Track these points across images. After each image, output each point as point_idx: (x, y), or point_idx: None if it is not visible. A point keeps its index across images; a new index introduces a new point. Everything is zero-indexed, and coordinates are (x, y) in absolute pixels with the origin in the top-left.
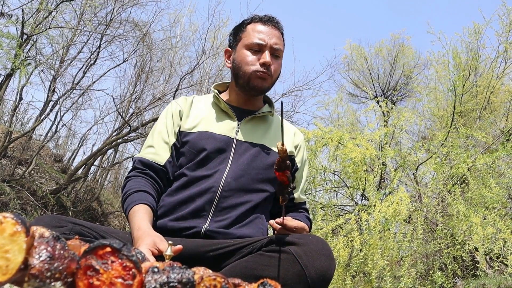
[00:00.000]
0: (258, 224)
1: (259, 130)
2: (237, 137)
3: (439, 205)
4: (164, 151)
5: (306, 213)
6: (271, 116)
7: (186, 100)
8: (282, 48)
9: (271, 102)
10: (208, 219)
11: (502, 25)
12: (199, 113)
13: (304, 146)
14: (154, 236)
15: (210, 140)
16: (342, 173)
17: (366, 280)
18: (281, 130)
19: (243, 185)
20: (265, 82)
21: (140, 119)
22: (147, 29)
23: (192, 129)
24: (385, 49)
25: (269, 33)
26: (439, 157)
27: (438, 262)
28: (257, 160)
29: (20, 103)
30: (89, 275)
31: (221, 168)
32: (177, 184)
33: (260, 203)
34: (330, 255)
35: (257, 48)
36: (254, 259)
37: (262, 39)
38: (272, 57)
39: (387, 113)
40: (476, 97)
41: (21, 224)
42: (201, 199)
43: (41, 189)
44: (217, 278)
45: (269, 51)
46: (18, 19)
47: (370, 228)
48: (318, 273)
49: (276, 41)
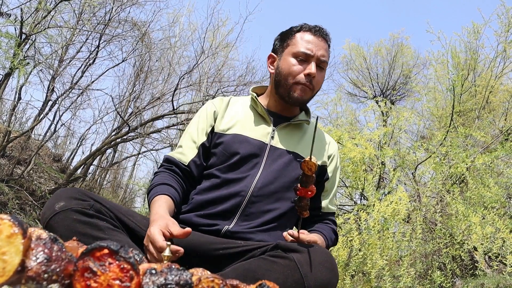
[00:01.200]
0: (280, 233)
1: (294, 137)
2: (271, 143)
3: (438, 205)
4: (190, 150)
5: (332, 225)
6: (307, 124)
7: (223, 100)
8: (327, 61)
9: (308, 110)
10: (233, 222)
11: (501, 25)
12: (235, 115)
13: (338, 156)
14: (168, 219)
15: (244, 144)
16: (341, 172)
17: (365, 279)
18: (311, 146)
19: (272, 192)
20: (306, 94)
21: (139, 119)
22: (146, 28)
23: (226, 130)
24: (384, 49)
25: (317, 44)
26: (438, 156)
27: (437, 262)
28: (289, 168)
29: (19, 103)
30: (87, 277)
31: (252, 173)
32: (208, 184)
33: (287, 212)
34: (333, 269)
35: (304, 57)
36: (256, 263)
37: (310, 49)
38: (317, 69)
39: (386, 113)
40: (475, 97)
41: (18, 226)
42: (229, 202)
43: (40, 189)
44: (215, 280)
45: (315, 63)
46: (17, 19)
47: (369, 227)
48: (318, 284)
49: (324, 53)
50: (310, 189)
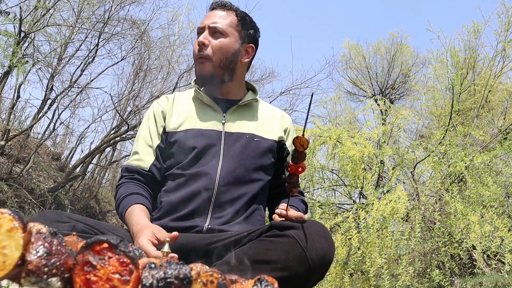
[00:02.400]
0: (257, 216)
1: (245, 118)
2: (225, 129)
3: (436, 204)
4: (148, 155)
5: (301, 196)
6: (255, 103)
7: (168, 99)
8: (223, 27)
9: (254, 89)
10: (208, 217)
11: (501, 24)
12: (183, 110)
13: (293, 129)
14: (152, 227)
15: (198, 137)
16: (340, 171)
17: (364, 278)
18: (305, 123)
19: (239, 177)
20: (204, 67)
21: (138, 117)
22: (145, 27)
23: (178, 128)
24: (383, 48)
25: (210, 16)
26: (437, 155)
27: (436, 260)
28: (248, 149)
29: (18, 101)
30: (86, 271)
31: (213, 164)
32: (173, 185)
33: (257, 193)
34: (330, 238)
35: (200, 33)
36: (256, 245)
37: (202, 23)
38: (212, 37)
39: (385, 112)
40: (474, 96)
41: (18, 220)
42: (199, 197)
43: (39, 188)
44: (214, 274)
45: (207, 32)
46: (16, 17)
47: (368, 226)
48: (319, 254)
49: (215, 20)
50: (301, 165)
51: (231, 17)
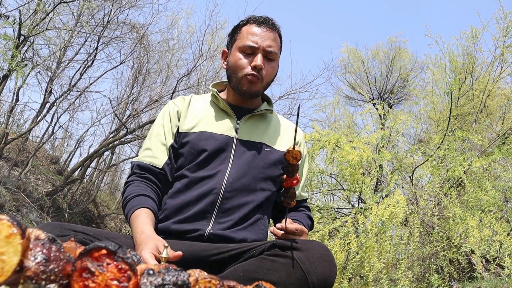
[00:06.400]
0: (260, 226)
1: (259, 128)
2: (237, 136)
3: (435, 208)
4: (161, 153)
5: (307, 211)
6: (270, 113)
7: (184, 99)
8: (276, 51)
9: (270, 100)
10: (211, 221)
11: (499, 29)
12: (198, 113)
13: (304, 143)
14: (157, 240)
15: (210, 140)
16: (338, 175)
17: (362, 282)
18: (294, 135)
19: (245, 185)
20: (255, 86)
21: (137, 121)
22: (144, 31)
23: (191, 129)
24: (382, 52)
25: (263, 36)
26: (436, 160)
27: (435, 265)
28: (258, 158)
29: (17, 105)
30: (85, 277)
31: (222, 169)
32: (179, 186)
33: (263, 203)
34: (332, 262)
35: (249, 51)
36: (256, 263)
37: (255, 42)
38: (265, 60)
39: (383, 116)
40: (472, 101)
41: (17, 226)
42: (204, 201)
43: (37, 191)
44: (212, 280)
45: (261, 54)
46: (15, 20)
47: (366, 230)
48: (320, 279)
49: (270, 44)
50: (295, 177)
51: (278, 39)
